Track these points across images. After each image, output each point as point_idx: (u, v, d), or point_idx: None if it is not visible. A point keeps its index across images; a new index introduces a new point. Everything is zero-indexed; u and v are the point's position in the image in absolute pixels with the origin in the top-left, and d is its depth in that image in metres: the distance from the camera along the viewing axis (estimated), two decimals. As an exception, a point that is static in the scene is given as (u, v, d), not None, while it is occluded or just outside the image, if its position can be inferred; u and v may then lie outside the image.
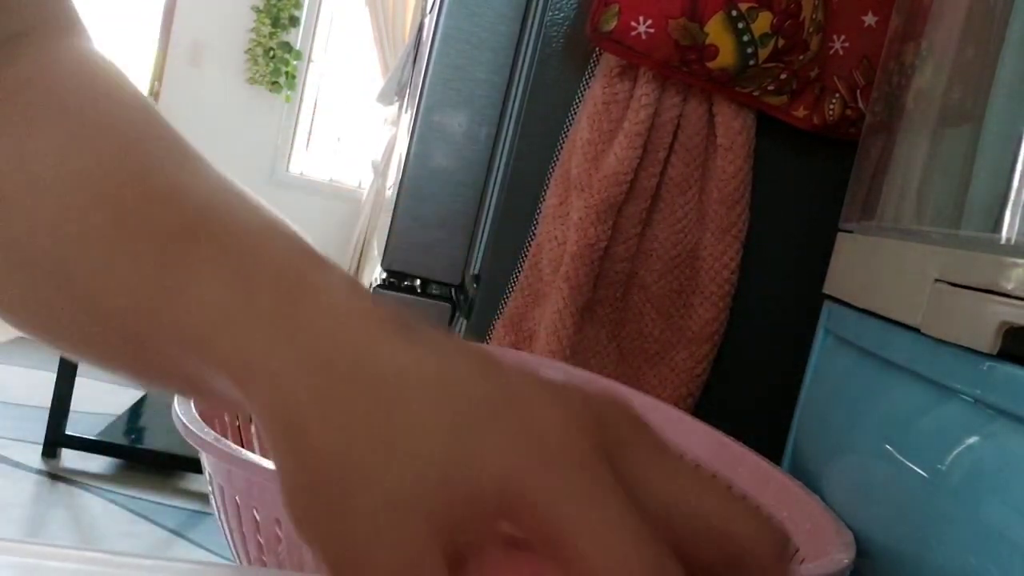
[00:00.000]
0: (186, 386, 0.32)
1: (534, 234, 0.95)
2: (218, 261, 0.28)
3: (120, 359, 0.32)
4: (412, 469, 0.23)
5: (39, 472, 2.27)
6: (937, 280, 0.53)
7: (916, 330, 0.54)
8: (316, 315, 0.26)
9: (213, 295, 0.27)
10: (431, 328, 0.27)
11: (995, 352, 0.45)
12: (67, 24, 0.39)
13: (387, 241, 1.10)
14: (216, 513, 0.48)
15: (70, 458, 2.39)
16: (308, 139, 4.49)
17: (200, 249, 0.28)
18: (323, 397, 0.24)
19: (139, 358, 0.31)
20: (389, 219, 1.14)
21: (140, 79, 4.25)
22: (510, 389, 0.24)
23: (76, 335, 0.33)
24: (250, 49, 4.23)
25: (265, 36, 4.22)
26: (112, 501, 2.23)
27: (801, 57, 0.88)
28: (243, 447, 0.57)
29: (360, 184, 4.40)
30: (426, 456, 0.23)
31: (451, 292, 1.12)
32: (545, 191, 0.94)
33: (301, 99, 4.42)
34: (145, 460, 2.41)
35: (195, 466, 2.33)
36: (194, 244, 0.28)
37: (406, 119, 1.52)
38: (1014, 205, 0.47)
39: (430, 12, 1.31)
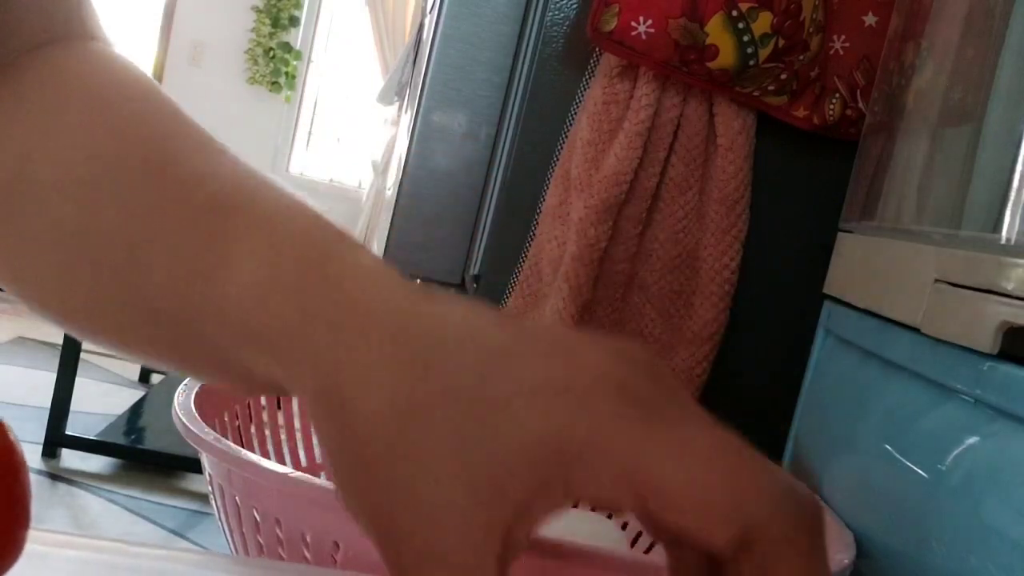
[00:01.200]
0: (225, 372, 0.31)
1: (534, 234, 0.95)
2: (249, 237, 0.28)
3: (157, 346, 0.32)
4: (460, 450, 0.22)
5: (39, 472, 2.27)
6: (937, 280, 0.53)
7: (916, 330, 0.54)
8: (346, 285, 0.26)
9: (246, 274, 0.27)
10: (446, 293, 0.26)
11: (995, 352, 0.45)
12: (90, 33, 0.40)
13: (387, 241, 1.10)
14: (216, 513, 0.48)
15: (70, 458, 2.39)
16: (308, 139, 4.49)
17: (230, 225, 0.29)
18: (363, 365, 0.24)
19: (176, 343, 0.31)
20: (389, 219, 1.14)
21: (140, 79, 4.25)
22: (549, 339, 0.24)
23: (115, 323, 0.33)
24: (250, 49, 4.23)
25: (265, 36, 4.22)
26: (112, 501, 2.23)
27: (801, 57, 0.88)
28: (243, 447, 0.57)
29: (360, 184, 4.40)
30: (473, 434, 0.22)
31: (451, 292, 1.12)
32: (545, 191, 0.94)
33: (301, 99, 4.42)
34: (145, 460, 2.41)
35: (195, 466, 2.33)
36: (224, 220, 0.29)
37: (406, 119, 1.52)
38: (1014, 205, 0.47)
39: (430, 12, 1.31)
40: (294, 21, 4.26)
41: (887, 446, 0.56)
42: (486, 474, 0.22)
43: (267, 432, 0.61)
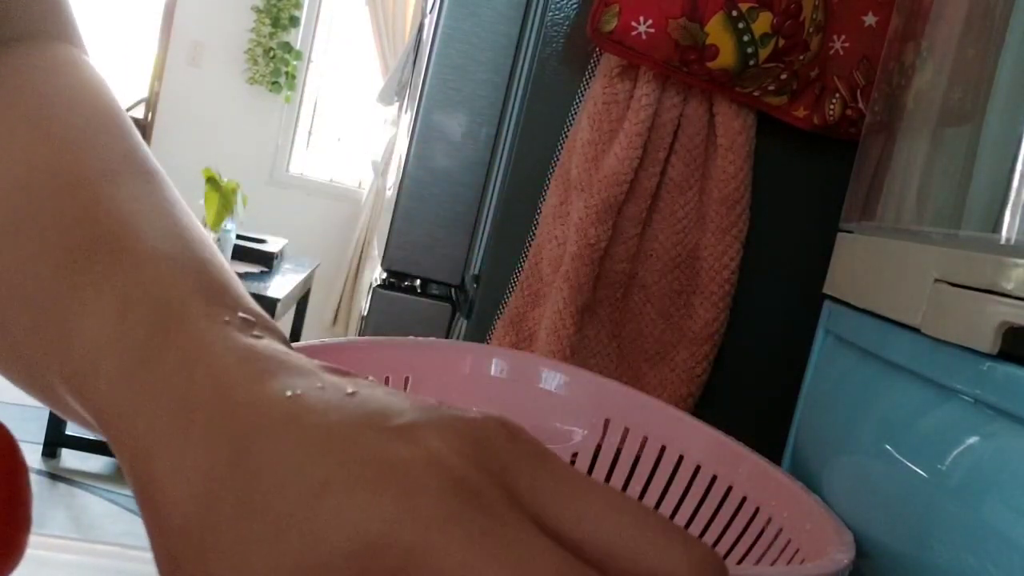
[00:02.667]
0: (78, 419, 0.28)
1: (534, 234, 0.95)
2: (106, 285, 0.26)
3: (22, 381, 0.30)
4: (272, 543, 0.20)
5: (39, 472, 2.27)
6: (937, 280, 0.53)
7: (916, 330, 0.54)
8: (183, 352, 0.24)
9: (92, 329, 0.25)
10: (314, 366, 0.24)
11: (995, 352, 0.45)
12: (61, 33, 0.39)
13: (387, 241, 1.10)
14: None
15: (70, 458, 2.39)
16: (308, 139, 4.49)
17: (93, 270, 0.26)
18: (179, 449, 0.22)
19: (35, 383, 0.29)
20: (389, 219, 1.14)
21: (140, 79, 4.26)
22: (374, 420, 0.21)
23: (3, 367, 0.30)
24: (250, 49, 4.23)
25: (265, 36, 4.22)
26: (112, 501, 2.23)
27: (801, 57, 0.88)
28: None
29: (360, 184, 4.40)
30: (285, 526, 0.20)
31: (451, 292, 1.12)
32: (545, 191, 0.94)
33: (301, 99, 4.42)
34: (145, 460, 2.41)
35: (195, 466, 2.33)
36: (89, 264, 0.27)
37: (406, 119, 1.52)
38: (1014, 205, 0.47)
39: (430, 12, 1.31)
40: (294, 21, 4.26)
41: (887, 446, 0.56)
42: (300, 572, 0.19)
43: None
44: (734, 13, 0.84)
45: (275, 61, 4.24)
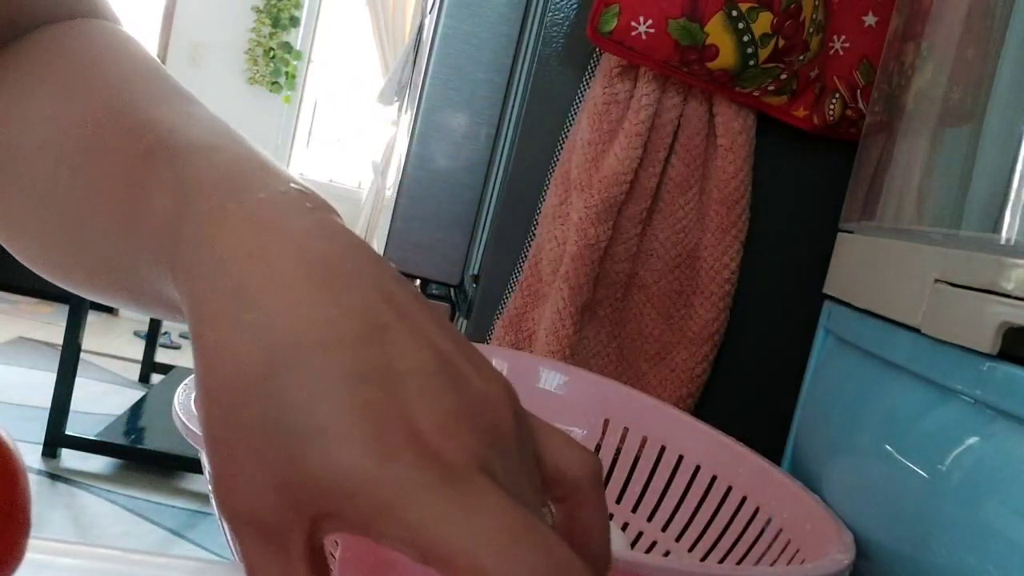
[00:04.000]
0: (159, 305, 0.32)
1: (534, 234, 0.95)
2: (170, 175, 0.29)
3: (104, 282, 0.34)
4: (271, 461, 0.23)
5: (39, 472, 2.27)
6: (937, 280, 0.53)
7: (916, 330, 0.54)
8: (255, 216, 0.26)
9: (162, 205, 0.28)
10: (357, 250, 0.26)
11: (995, 352, 0.45)
12: (98, 12, 0.43)
13: (387, 241, 1.10)
14: (216, 512, 0.48)
15: (70, 458, 2.39)
16: (308, 139, 4.49)
17: (157, 167, 0.29)
18: (221, 337, 0.24)
19: (117, 280, 0.33)
20: (389, 219, 1.14)
21: (140, 79, 4.26)
22: (377, 374, 0.23)
23: (70, 261, 0.35)
24: (250, 49, 4.23)
25: (265, 36, 4.22)
26: (112, 501, 2.23)
27: (801, 57, 0.88)
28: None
29: (360, 184, 4.40)
30: (285, 451, 0.23)
31: (451, 292, 1.12)
32: (545, 191, 0.94)
33: (301, 99, 4.42)
34: (145, 460, 2.41)
35: (195, 466, 2.33)
36: (153, 163, 0.30)
37: (406, 119, 1.52)
38: (1014, 205, 0.47)
39: (430, 12, 1.31)
40: (294, 21, 4.26)
41: (887, 446, 0.56)
42: (294, 484, 0.23)
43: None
44: (734, 13, 0.84)
45: (275, 61, 4.24)
